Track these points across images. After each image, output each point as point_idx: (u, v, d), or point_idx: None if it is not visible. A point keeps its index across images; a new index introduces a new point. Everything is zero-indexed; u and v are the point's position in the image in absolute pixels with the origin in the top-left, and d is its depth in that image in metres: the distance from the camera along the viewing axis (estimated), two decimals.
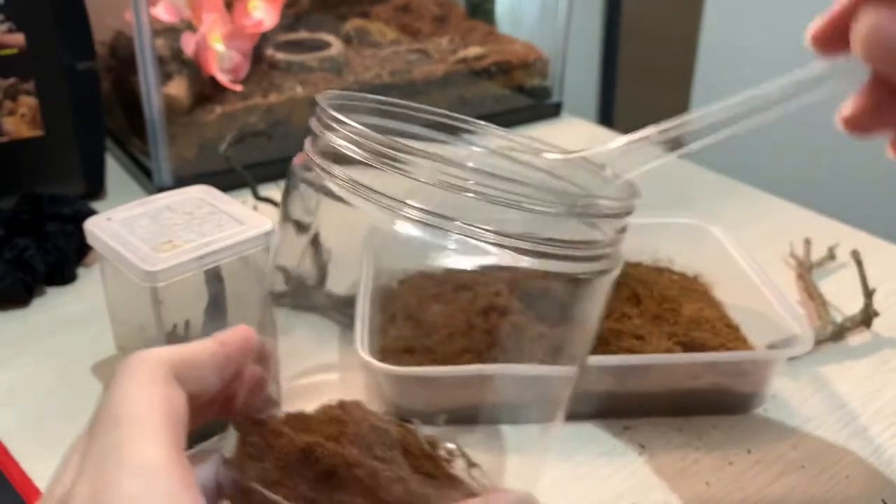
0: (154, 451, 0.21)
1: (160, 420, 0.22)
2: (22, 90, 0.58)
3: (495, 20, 0.93)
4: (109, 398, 0.23)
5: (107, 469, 0.21)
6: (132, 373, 0.23)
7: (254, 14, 0.69)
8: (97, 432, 0.22)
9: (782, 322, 0.43)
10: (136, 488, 0.20)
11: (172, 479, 0.21)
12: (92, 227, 0.39)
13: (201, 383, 0.25)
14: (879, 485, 0.39)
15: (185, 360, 0.24)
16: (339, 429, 0.26)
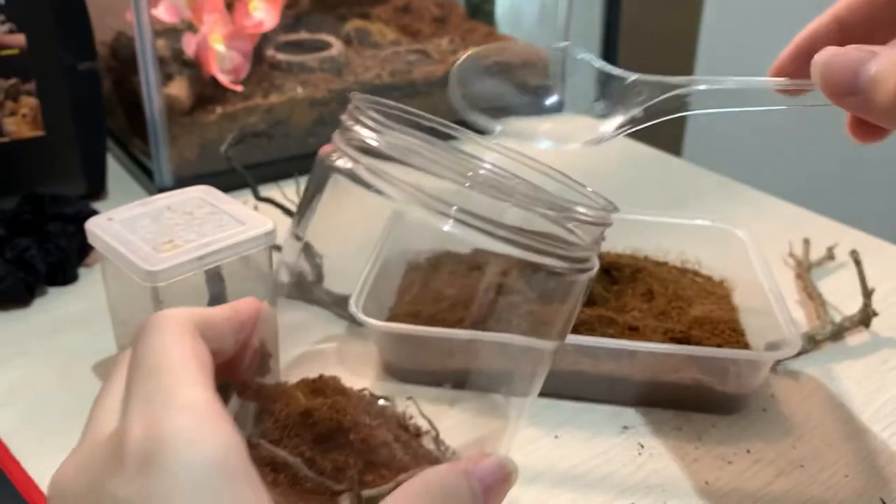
0: (197, 392, 0.23)
1: (196, 367, 0.24)
2: (23, 90, 0.58)
3: (495, 21, 0.93)
4: (143, 350, 0.24)
5: (156, 408, 0.22)
6: (162, 327, 0.25)
7: (254, 15, 0.69)
8: (136, 379, 0.24)
9: (779, 327, 0.43)
10: (186, 422, 0.22)
11: (216, 415, 0.23)
12: (93, 227, 0.39)
13: (219, 343, 0.27)
14: (878, 484, 0.39)
15: (206, 320, 0.27)
16: (323, 398, 0.28)
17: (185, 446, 0.21)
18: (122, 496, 0.21)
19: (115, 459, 0.22)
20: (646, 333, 0.44)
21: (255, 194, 0.56)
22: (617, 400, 0.44)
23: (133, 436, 0.22)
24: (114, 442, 0.23)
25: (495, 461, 0.26)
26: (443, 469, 0.26)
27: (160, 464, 0.21)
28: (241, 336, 0.28)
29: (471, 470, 0.26)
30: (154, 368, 0.24)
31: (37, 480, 0.38)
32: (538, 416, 0.43)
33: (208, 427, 0.22)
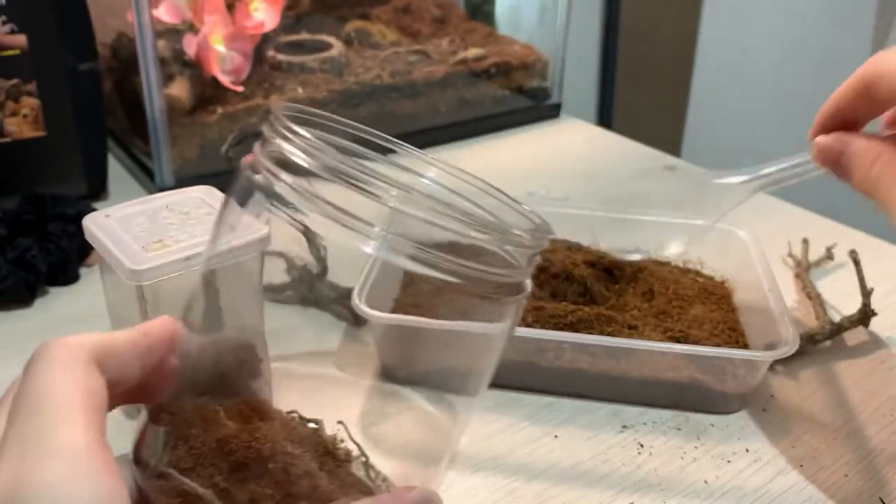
0: (77, 435, 0.21)
1: (81, 406, 0.22)
2: (24, 91, 0.58)
3: (495, 22, 0.93)
4: (29, 383, 0.22)
5: (29, 453, 0.21)
6: (52, 358, 0.23)
7: (255, 15, 0.69)
8: (17, 418, 0.22)
9: (779, 329, 0.43)
10: (59, 471, 0.20)
11: (95, 462, 0.21)
12: (89, 223, 0.39)
13: (121, 372, 0.25)
14: (877, 484, 0.39)
15: (106, 347, 0.24)
16: (248, 424, 0.27)
17: (49, 498, 0.20)
18: None
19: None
20: (645, 332, 0.44)
21: None
22: (615, 398, 0.44)
23: (0, 486, 0.20)
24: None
25: (419, 495, 0.25)
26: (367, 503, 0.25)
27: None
28: (150, 361, 0.26)
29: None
30: (35, 407, 0.22)
31: None
32: (538, 415, 0.43)
33: (84, 478, 0.20)
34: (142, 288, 0.36)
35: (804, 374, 0.47)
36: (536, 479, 0.39)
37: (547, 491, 0.38)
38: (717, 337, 0.45)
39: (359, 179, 0.24)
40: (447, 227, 0.24)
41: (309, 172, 0.24)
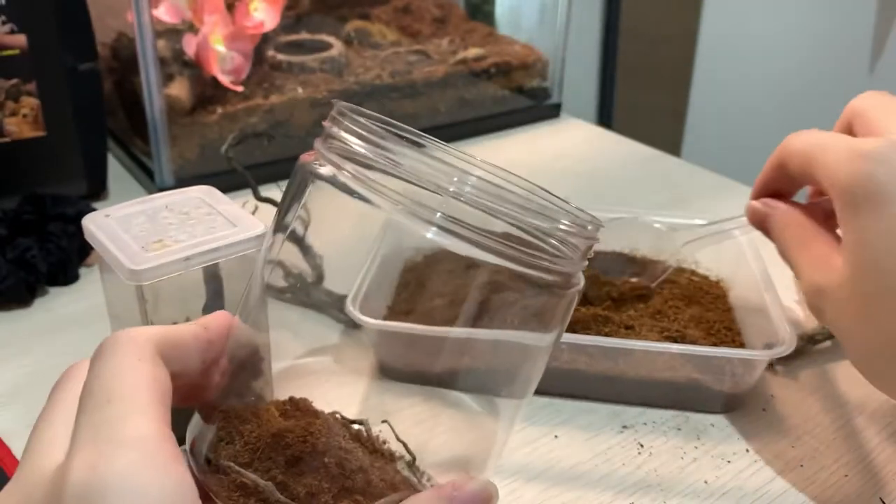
0: (146, 425, 0.22)
1: (150, 396, 0.22)
2: (24, 91, 0.58)
3: (495, 21, 0.93)
4: (97, 374, 0.23)
5: (101, 443, 0.21)
6: (119, 350, 0.23)
7: (255, 15, 0.69)
8: (86, 408, 0.22)
9: (776, 328, 0.43)
10: (131, 460, 0.21)
11: (165, 452, 0.21)
12: (89, 223, 0.39)
13: (183, 364, 0.25)
14: (877, 484, 0.39)
15: (169, 340, 0.25)
16: (296, 421, 0.27)
17: (127, 491, 0.20)
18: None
19: (53, 491, 0.21)
20: (641, 332, 0.44)
21: (255, 194, 0.56)
22: (613, 398, 0.44)
23: (74, 475, 0.21)
24: (56, 478, 0.21)
25: (477, 486, 0.25)
26: (424, 497, 0.25)
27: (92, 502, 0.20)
28: (210, 355, 0.26)
29: (452, 496, 0.25)
30: (105, 397, 0.22)
31: None
32: (538, 416, 0.43)
33: (156, 468, 0.21)
34: (142, 288, 0.36)
35: (804, 374, 0.47)
36: (536, 479, 0.39)
37: (547, 491, 0.38)
38: (713, 336, 0.45)
39: (419, 169, 0.25)
40: (508, 212, 0.25)
41: (370, 164, 0.26)
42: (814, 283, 0.34)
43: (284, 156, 0.70)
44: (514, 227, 0.25)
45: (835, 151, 0.32)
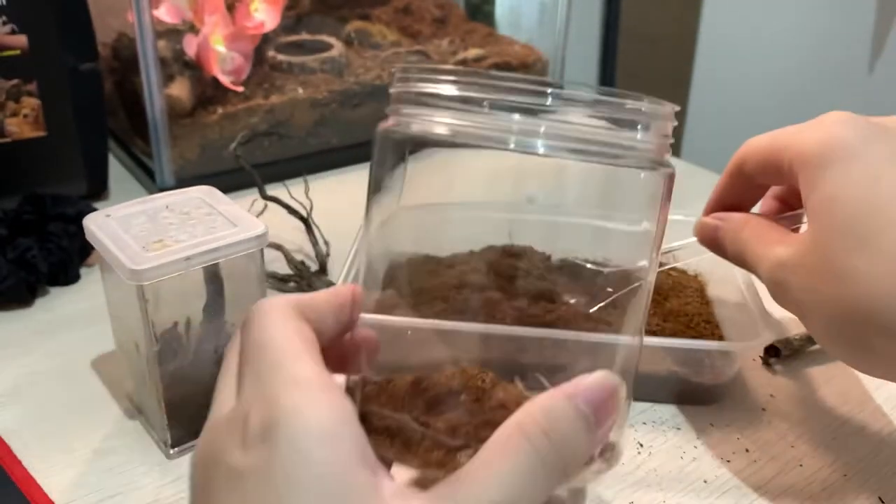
0: (306, 367, 0.25)
1: (301, 345, 0.26)
2: (25, 91, 0.58)
3: (495, 22, 0.93)
4: (251, 334, 0.26)
5: (268, 385, 0.24)
6: (266, 313, 0.27)
7: (255, 16, 0.69)
8: (247, 362, 0.25)
9: (754, 321, 0.43)
10: (300, 396, 0.23)
11: (328, 388, 0.24)
12: (90, 223, 0.39)
13: (320, 323, 0.28)
14: (877, 483, 0.39)
15: (306, 301, 0.28)
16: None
17: (297, 419, 0.23)
18: (241, 466, 0.23)
19: (236, 435, 0.24)
20: (571, 320, 0.45)
21: (261, 193, 0.56)
22: None
23: (252, 413, 0.23)
24: (233, 419, 0.24)
25: (596, 379, 0.26)
26: (544, 399, 0.25)
27: (276, 437, 0.23)
28: (342, 317, 0.29)
29: (573, 393, 0.25)
30: (261, 349, 0.25)
31: (38, 480, 0.38)
32: None
33: (318, 399, 0.23)
34: (142, 288, 0.36)
35: (804, 374, 0.47)
36: None
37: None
38: (692, 330, 0.45)
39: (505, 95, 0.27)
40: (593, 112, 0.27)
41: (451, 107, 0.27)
42: (776, 260, 0.34)
43: (284, 156, 0.70)
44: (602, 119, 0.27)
45: (796, 133, 0.34)
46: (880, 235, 0.30)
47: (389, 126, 0.29)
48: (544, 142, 0.27)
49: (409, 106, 0.28)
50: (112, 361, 0.46)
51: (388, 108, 0.30)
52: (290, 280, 0.54)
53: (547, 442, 0.24)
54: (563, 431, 0.24)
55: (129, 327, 0.40)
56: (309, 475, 0.22)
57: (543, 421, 0.24)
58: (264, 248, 0.40)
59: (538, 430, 0.24)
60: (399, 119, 0.29)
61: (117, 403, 0.43)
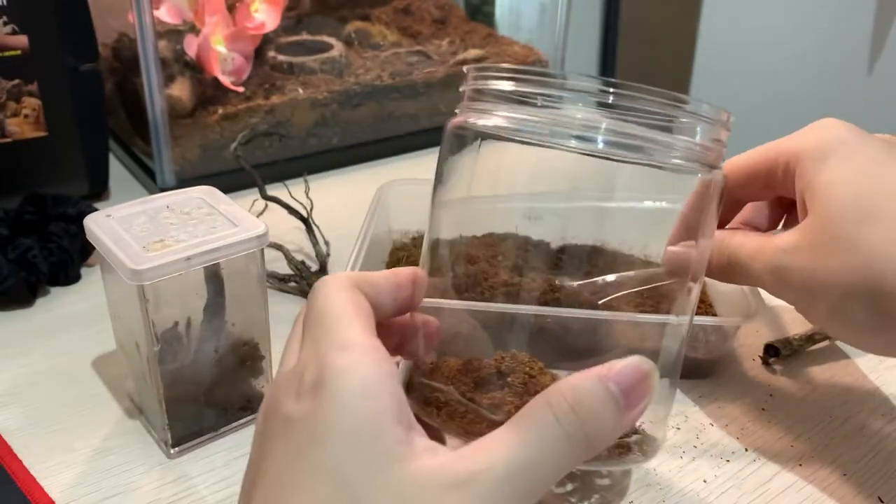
0: (357, 333, 0.27)
1: (354, 314, 0.28)
2: (25, 91, 0.58)
3: (495, 22, 0.93)
4: (312, 305, 0.29)
5: (322, 349, 0.27)
6: (325, 287, 0.29)
7: (255, 16, 0.69)
8: (309, 327, 0.28)
9: (745, 298, 0.45)
10: (349, 358, 0.26)
11: (376, 352, 0.26)
12: (90, 223, 0.39)
13: (377, 297, 0.30)
14: (877, 482, 0.39)
15: (364, 277, 0.31)
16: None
17: (342, 377, 0.25)
18: (294, 415, 0.26)
19: (292, 389, 0.26)
20: (620, 307, 0.46)
21: (262, 193, 0.56)
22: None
23: (307, 371, 0.26)
24: (292, 375, 0.27)
25: (629, 362, 0.27)
26: (574, 378, 0.26)
27: (323, 392, 0.25)
28: (400, 295, 0.31)
29: (604, 374, 0.26)
30: (319, 317, 0.28)
31: (39, 479, 0.38)
32: None
33: (363, 360, 0.26)
34: (143, 288, 0.36)
35: (803, 374, 0.47)
36: None
37: None
38: None
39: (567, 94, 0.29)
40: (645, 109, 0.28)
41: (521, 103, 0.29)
42: (776, 249, 0.35)
43: (284, 156, 0.70)
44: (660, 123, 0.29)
45: (790, 138, 0.36)
46: (886, 203, 0.32)
47: (459, 122, 0.31)
48: (605, 138, 0.29)
49: (479, 103, 0.31)
50: (112, 361, 0.46)
51: (459, 106, 0.32)
52: (291, 280, 0.54)
53: (573, 416, 0.25)
54: (589, 408, 0.25)
55: (129, 327, 0.40)
56: (347, 425, 0.25)
57: (571, 396, 0.25)
58: (264, 248, 0.40)
59: (565, 404, 0.25)
60: (468, 116, 0.31)
61: (118, 403, 0.43)
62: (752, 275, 0.36)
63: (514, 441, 0.25)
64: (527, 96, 0.29)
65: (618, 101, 0.28)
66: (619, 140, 0.29)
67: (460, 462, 0.25)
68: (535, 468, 0.25)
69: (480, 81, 0.31)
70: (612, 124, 0.28)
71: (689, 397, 0.45)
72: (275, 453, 0.26)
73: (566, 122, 0.29)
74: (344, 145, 0.73)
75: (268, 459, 0.26)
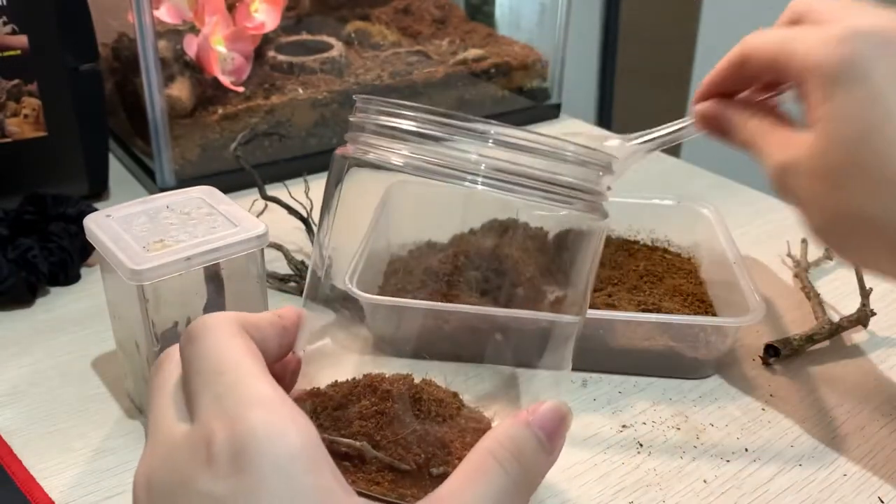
0: (262, 386, 0.24)
1: (253, 363, 0.25)
2: (25, 91, 0.58)
3: (495, 22, 0.93)
4: (198, 352, 0.26)
5: (230, 407, 0.24)
6: (212, 330, 0.26)
7: (255, 16, 0.69)
8: (200, 382, 0.25)
9: (746, 299, 0.45)
10: (263, 418, 0.23)
11: (288, 407, 0.24)
12: (90, 223, 0.39)
13: (264, 343, 0.28)
14: (876, 483, 0.39)
15: (250, 322, 0.28)
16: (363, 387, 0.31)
17: (268, 441, 0.23)
18: (217, 492, 0.23)
19: (200, 458, 0.23)
20: (620, 305, 0.47)
21: (262, 194, 0.56)
22: (594, 368, 0.46)
23: (217, 436, 0.23)
24: (194, 441, 0.24)
25: (550, 407, 0.28)
26: (506, 424, 0.27)
27: (248, 460, 0.22)
28: (285, 341, 0.29)
29: (531, 421, 0.28)
30: (215, 369, 0.25)
31: (39, 479, 0.38)
32: None
33: (284, 419, 0.23)
34: (143, 288, 0.36)
35: (803, 374, 0.47)
36: None
37: (546, 490, 0.38)
38: (687, 308, 0.47)
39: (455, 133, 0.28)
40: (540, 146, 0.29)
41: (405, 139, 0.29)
42: (782, 161, 0.35)
43: (284, 156, 0.70)
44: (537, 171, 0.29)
45: (804, 41, 0.34)
46: (879, 157, 0.32)
47: (347, 152, 0.31)
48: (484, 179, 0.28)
49: (368, 135, 0.30)
50: (112, 361, 0.46)
51: (347, 135, 0.31)
52: (290, 280, 0.54)
53: (517, 465, 0.26)
54: (528, 455, 0.27)
55: (129, 327, 0.40)
56: (300, 502, 0.22)
57: (511, 447, 0.27)
58: (264, 248, 0.40)
59: (508, 456, 0.26)
60: (357, 147, 0.30)
61: (117, 403, 0.43)
62: (765, 170, 0.37)
63: (470, 495, 0.25)
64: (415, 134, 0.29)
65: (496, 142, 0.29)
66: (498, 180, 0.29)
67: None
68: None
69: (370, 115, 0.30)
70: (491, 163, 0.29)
71: (689, 397, 0.45)
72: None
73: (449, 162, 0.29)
74: None
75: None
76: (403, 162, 0.29)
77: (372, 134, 0.30)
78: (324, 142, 0.72)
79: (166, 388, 0.27)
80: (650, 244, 0.56)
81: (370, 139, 0.30)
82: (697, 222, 0.54)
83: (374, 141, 0.30)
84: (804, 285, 0.54)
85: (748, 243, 0.60)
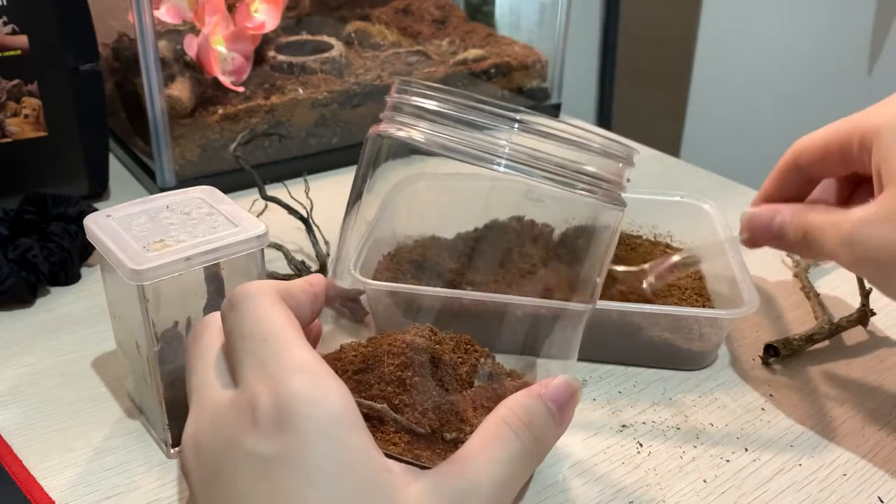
0: (303, 353, 0.26)
1: (294, 331, 0.27)
2: (25, 91, 0.58)
3: (495, 22, 0.93)
4: (243, 318, 0.27)
5: (273, 372, 0.25)
6: (254, 298, 0.28)
7: (255, 16, 0.69)
8: (244, 348, 0.26)
9: (741, 292, 0.46)
10: (305, 381, 0.25)
11: (327, 371, 0.26)
12: (90, 223, 0.39)
13: (298, 311, 0.30)
14: (875, 482, 0.39)
15: (285, 289, 0.29)
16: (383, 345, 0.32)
17: (310, 404, 0.24)
18: (263, 452, 0.24)
19: (246, 421, 0.25)
20: (618, 298, 0.47)
21: (262, 194, 0.56)
22: (593, 358, 0.47)
23: (262, 400, 0.25)
24: (239, 405, 0.25)
25: (562, 381, 0.30)
26: (520, 395, 0.29)
27: (292, 422, 0.24)
28: (316, 307, 0.31)
29: (543, 393, 0.30)
30: (259, 336, 0.26)
31: (39, 479, 0.38)
32: None
33: (324, 384, 0.25)
34: (143, 288, 0.36)
35: (803, 373, 0.47)
36: (535, 479, 0.39)
37: (546, 490, 0.38)
38: (685, 301, 0.48)
39: (479, 120, 0.30)
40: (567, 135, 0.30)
41: (438, 121, 0.30)
42: (855, 220, 0.35)
43: (285, 156, 0.70)
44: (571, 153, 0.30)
45: (864, 114, 0.36)
46: None
47: (382, 130, 0.32)
48: (508, 163, 0.30)
49: (402, 115, 0.31)
50: (112, 361, 0.46)
51: (383, 115, 0.32)
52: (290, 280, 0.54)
53: (529, 434, 0.28)
54: (539, 425, 0.29)
55: (129, 327, 0.40)
56: (338, 462, 0.24)
57: (525, 416, 0.29)
58: (264, 248, 0.40)
59: (521, 425, 0.28)
60: (390, 125, 0.32)
61: (117, 403, 0.43)
62: (827, 248, 0.37)
63: (489, 463, 0.27)
64: (447, 116, 0.30)
65: (522, 128, 0.30)
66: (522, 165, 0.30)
67: (447, 482, 0.26)
68: (510, 481, 0.28)
69: (407, 96, 0.32)
70: (515, 149, 0.30)
71: (689, 397, 0.45)
72: (252, 494, 0.24)
73: (478, 146, 0.30)
74: (344, 145, 0.73)
75: (238, 500, 0.24)
76: (434, 142, 0.30)
77: (407, 115, 0.31)
78: (324, 142, 0.72)
79: (208, 356, 0.28)
80: (652, 239, 0.57)
81: (405, 119, 0.31)
82: (699, 218, 0.55)
83: (409, 121, 0.31)
84: (804, 285, 0.54)
85: None
